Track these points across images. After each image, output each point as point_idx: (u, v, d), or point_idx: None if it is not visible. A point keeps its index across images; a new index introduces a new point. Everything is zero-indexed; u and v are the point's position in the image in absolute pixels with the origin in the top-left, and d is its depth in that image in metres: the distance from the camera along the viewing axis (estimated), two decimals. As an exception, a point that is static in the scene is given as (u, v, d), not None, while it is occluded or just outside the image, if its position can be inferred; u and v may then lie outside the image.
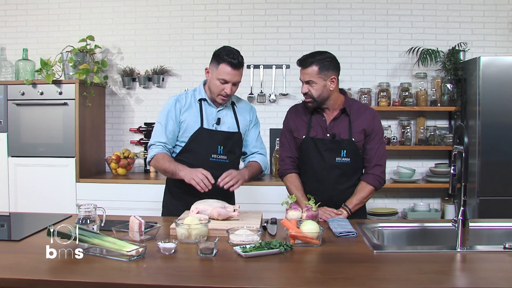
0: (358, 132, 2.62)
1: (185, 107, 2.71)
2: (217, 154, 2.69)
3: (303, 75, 2.58)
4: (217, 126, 2.71)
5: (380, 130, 2.68)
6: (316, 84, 2.55)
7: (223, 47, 2.67)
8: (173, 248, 1.90)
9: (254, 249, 1.86)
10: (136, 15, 4.71)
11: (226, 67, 2.57)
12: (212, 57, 2.66)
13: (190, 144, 2.69)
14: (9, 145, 4.21)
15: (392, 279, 1.64)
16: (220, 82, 2.60)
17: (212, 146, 2.68)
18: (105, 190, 4.14)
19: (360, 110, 2.67)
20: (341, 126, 2.63)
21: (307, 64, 2.55)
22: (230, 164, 2.72)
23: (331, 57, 2.59)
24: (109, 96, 4.77)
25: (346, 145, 2.60)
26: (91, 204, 2.13)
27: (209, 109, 2.73)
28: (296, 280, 1.62)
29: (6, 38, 4.76)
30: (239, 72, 2.63)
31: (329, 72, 2.55)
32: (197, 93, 2.76)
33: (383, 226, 2.40)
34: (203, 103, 2.72)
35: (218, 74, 2.59)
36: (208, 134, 2.68)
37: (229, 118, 2.76)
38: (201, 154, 2.67)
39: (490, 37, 4.51)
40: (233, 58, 2.57)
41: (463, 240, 1.97)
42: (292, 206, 2.34)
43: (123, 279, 1.63)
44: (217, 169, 2.60)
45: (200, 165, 2.59)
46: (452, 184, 2.09)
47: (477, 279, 1.70)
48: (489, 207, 3.91)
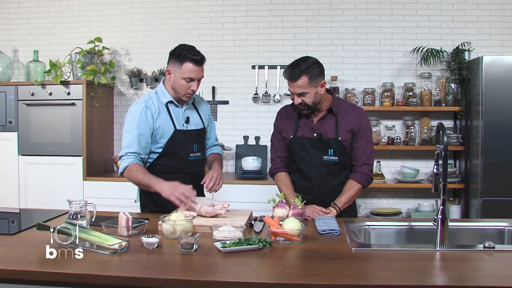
0: (345, 132, 2.64)
1: (156, 113, 2.65)
2: (194, 152, 2.75)
3: (294, 88, 2.56)
4: (187, 125, 2.74)
5: (367, 129, 2.70)
6: (309, 94, 2.55)
7: (180, 45, 2.65)
8: (155, 242, 1.96)
9: (233, 245, 1.91)
10: (144, 17, 4.81)
11: (190, 65, 2.56)
12: (171, 57, 2.64)
13: (168, 147, 2.68)
14: (20, 144, 4.35)
15: (362, 276, 1.67)
16: (185, 81, 2.59)
17: (189, 145, 2.73)
18: (111, 188, 4.24)
19: (347, 110, 2.69)
20: (328, 125, 2.66)
21: (296, 77, 2.52)
22: (203, 160, 2.86)
23: (316, 63, 2.58)
24: (117, 97, 4.88)
25: (332, 144, 2.63)
26: (82, 200, 2.21)
27: (176, 110, 2.72)
28: (266, 275, 1.68)
29: (19, 40, 4.91)
30: (202, 68, 2.63)
31: (318, 78, 2.56)
32: (161, 96, 2.70)
33: (369, 225, 2.42)
34: (169, 106, 2.70)
35: (183, 73, 2.58)
36: (182, 135, 2.70)
37: (194, 116, 2.81)
38: (180, 156, 2.70)
39: (496, 36, 4.47)
40: (195, 55, 2.57)
41: (442, 239, 1.98)
42: (279, 204, 2.38)
43: (102, 271, 1.70)
44: (196, 167, 2.76)
45: (181, 166, 2.69)
46: (435, 183, 2.10)
47: (450, 278, 1.71)
48: (492, 208, 3.88)
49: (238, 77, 4.72)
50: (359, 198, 4.20)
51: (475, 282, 1.61)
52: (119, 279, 1.65)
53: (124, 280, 1.64)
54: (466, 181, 4.23)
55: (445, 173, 2.01)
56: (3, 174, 4.38)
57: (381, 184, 4.38)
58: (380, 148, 4.34)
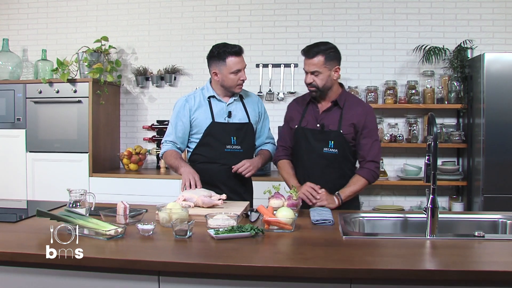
0: (347, 125, 2.66)
1: (195, 106, 2.88)
2: (231, 144, 2.87)
3: (308, 66, 2.63)
4: (229, 119, 2.88)
5: (373, 127, 2.71)
6: (322, 74, 2.61)
7: (214, 46, 2.84)
8: (151, 229, 2.01)
9: (226, 232, 1.96)
10: (150, 16, 4.89)
11: (233, 59, 2.76)
12: (211, 59, 2.83)
13: (204, 138, 2.87)
14: (27, 140, 4.44)
15: (348, 260, 1.70)
16: (234, 74, 2.77)
17: (226, 137, 2.86)
18: (116, 184, 4.32)
19: (354, 104, 2.71)
20: (332, 117, 2.69)
21: (313, 55, 2.60)
22: (244, 154, 2.91)
23: (334, 48, 2.67)
24: (123, 95, 4.96)
25: (334, 136, 2.66)
26: (81, 189, 2.27)
27: (219, 104, 2.89)
28: (255, 260, 1.71)
29: (28, 40, 5.02)
30: (243, 58, 2.83)
31: (334, 62, 2.63)
32: (205, 91, 2.92)
33: (364, 216, 2.45)
34: (212, 100, 2.89)
35: (230, 68, 2.76)
36: (220, 127, 2.86)
37: (239, 111, 2.92)
38: (216, 146, 2.86)
39: (500, 34, 4.47)
40: (233, 48, 2.78)
41: (432, 228, 2.01)
42: (275, 195, 2.42)
43: (97, 254, 1.75)
44: (233, 159, 2.84)
45: (217, 156, 2.85)
46: (426, 174, 2.13)
47: (436, 263, 1.74)
48: (494, 205, 3.87)
49: (242, 76, 4.78)
50: (362, 195, 4.24)
51: (461, 267, 1.63)
52: (113, 261, 1.71)
53: (118, 263, 1.70)
54: (468, 178, 4.23)
55: (435, 162, 2.05)
56: (12, 170, 4.47)
57: (384, 182, 4.39)
58: (383, 146, 4.33)
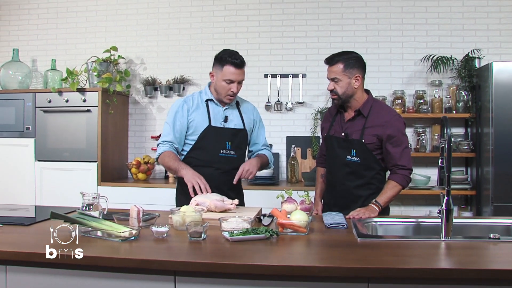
0: (371, 135, 2.65)
1: (193, 107, 2.88)
2: (226, 149, 2.87)
3: (329, 73, 2.70)
4: (225, 123, 2.89)
5: (400, 135, 2.66)
6: (341, 81, 2.65)
7: (223, 50, 2.86)
8: (165, 232, 2.01)
9: (241, 234, 1.96)
10: (159, 27, 4.93)
11: (230, 68, 2.76)
12: (215, 60, 2.85)
13: (200, 141, 2.86)
14: (36, 150, 4.47)
15: (364, 259, 1.69)
16: (226, 82, 2.77)
17: (221, 142, 2.86)
18: (124, 193, 4.30)
19: (378, 114, 2.69)
20: (355, 126, 2.70)
21: (333, 62, 2.67)
22: (238, 159, 2.91)
23: (356, 56, 2.70)
24: (132, 105, 4.98)
25: (356, 145, 2.67)
26: (94, 193, 2.28)
27: (216, 108, 2.90)
28: (271, 259, 1.71)
29: (38, 50, 5.07)
30: (242, 71, 2.81)
31: (354, 70, 2.65)
32: (203, 94, 2.93)
33: (377, 221, 2.44)
34: (209, 103, 2.90)
35: (224, 75, 2.76)
36: (216, 131, 2.85)
37: (235, 117, 2.94)
38: (210, 150, 2.85)
39: (507, 44, 4.49)
40: (235, 58, 2.76)
41: (447, 230, 2.01)
42: (288, 200, 2.42)
43: (112, 254, 1.75)
44: (227, 164, 2.85)
45: (211, 160, 2.83)
46: (439, 176, 2.13)
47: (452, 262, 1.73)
48: (504, 213, 3.84)
49: (251, 86, 4.77)
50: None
51: (478, 266, 1.63)
52: (129, 261, 1.70)
53: (134, 263, 1.69)
54: (477, 187, 4.21)
55: (449, 164, 2.05)
56: (20, 179, 4.49)
57: (392, 191, 4.37)
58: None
